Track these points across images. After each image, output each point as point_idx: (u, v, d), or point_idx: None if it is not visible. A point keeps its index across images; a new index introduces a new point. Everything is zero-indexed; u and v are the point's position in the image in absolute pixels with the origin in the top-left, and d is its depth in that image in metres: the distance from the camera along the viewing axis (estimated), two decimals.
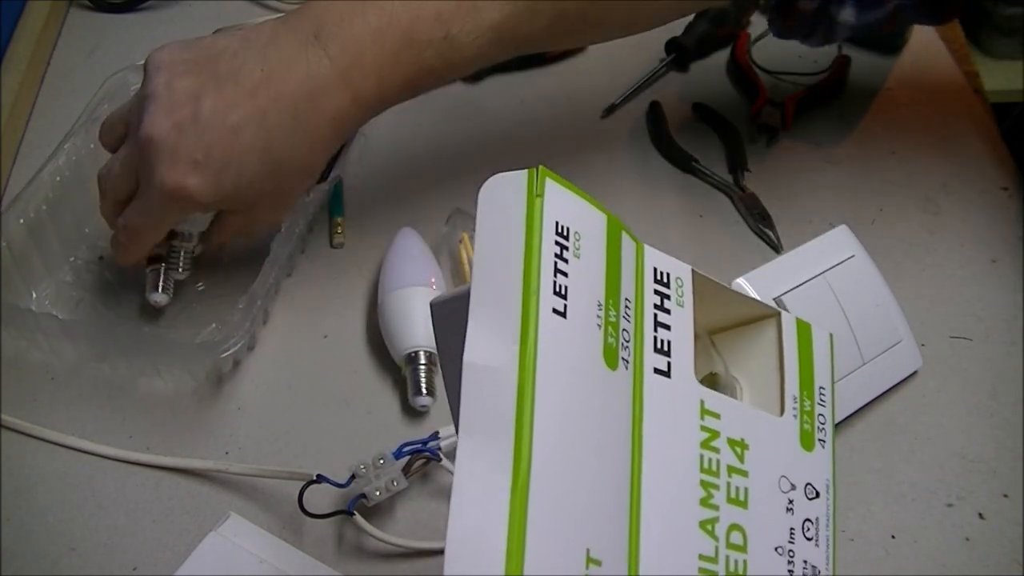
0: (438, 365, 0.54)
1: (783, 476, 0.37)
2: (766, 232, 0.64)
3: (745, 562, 0.34)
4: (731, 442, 0.35)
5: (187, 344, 0.55)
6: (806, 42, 0.60)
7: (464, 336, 0.28)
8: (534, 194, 0.29)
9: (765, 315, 0.41)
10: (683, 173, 0.69)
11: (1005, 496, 0.51)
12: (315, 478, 0.48)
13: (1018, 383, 0.56)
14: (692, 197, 0.67)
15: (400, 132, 0.70)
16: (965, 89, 0.76)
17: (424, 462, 0.49)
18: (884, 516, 0.51)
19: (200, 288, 0.60)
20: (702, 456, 0.34)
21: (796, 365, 0.40)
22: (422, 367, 0.53)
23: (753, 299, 0.41)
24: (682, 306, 0.35)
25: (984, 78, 0.78)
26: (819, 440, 0.39)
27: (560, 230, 0.30)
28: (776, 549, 0.35)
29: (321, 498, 0.48)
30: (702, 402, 0.35)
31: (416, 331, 0.54)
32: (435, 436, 0.49)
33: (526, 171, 0.30)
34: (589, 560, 0.27)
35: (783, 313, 0.41)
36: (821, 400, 0.40)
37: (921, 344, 0.56)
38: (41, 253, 0.59)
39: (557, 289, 0.29)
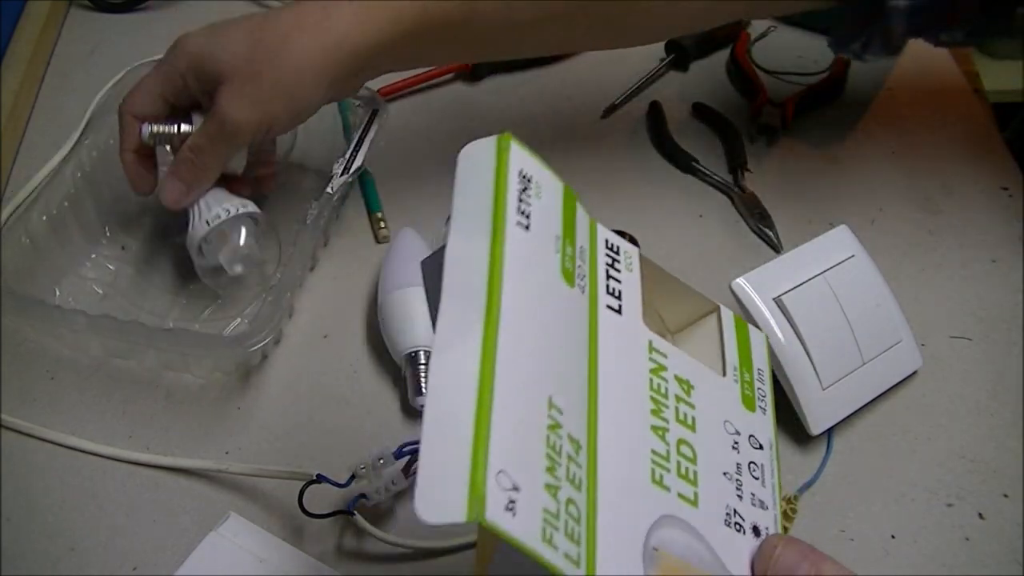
0: None
1: (727, 420, 0.39)
2: (766, 232, 0.64)
3: (696, 472, 0.36)
4: (678, 379, 0.38)
5: (217, 337, 0.55)
6: (865, 52, 0.56)
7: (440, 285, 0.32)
8: (502, 149, 0.34)
9: (708, 311, 0.44)
10: (683, 173, 0.69)
11: (1005, 496, 0.51)
12: (315, 478, 0.48)
13: (1018, 383, 0.56)
14: (692, 197, 0.67)
15: (400, 132, 0.70)
16: (965, 89, 0.76)
17: None
18: (884, 516, 0.51)
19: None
20: (651, 380, 0.36)
21: (735, 345, 0.43)
22: (422, 367, 0.53)
23: (692, 289, 0.43)
24: (631, 270, 0.39)
25: (984, 78, 0.78)
26: (760, 407, 0.42)
27: (523, 175, 0.34)
28: (724, 474, 0.37)
29: (321, 498, 0.48)
30: (650, 342, 0.38)
31: (416, 331, 0.54)
32: None
33: (496, 136, 0.35)
34: (551, 405, 0.30)
35: (721, 307, 0.43)
36: (760, 378, 0.43)
37: (921, 344, 0.56)
38: (64, 249, 0.59)
39: (522, 210, 0.33)
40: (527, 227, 0.33)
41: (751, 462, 0.39)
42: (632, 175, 0.69)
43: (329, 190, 0.59)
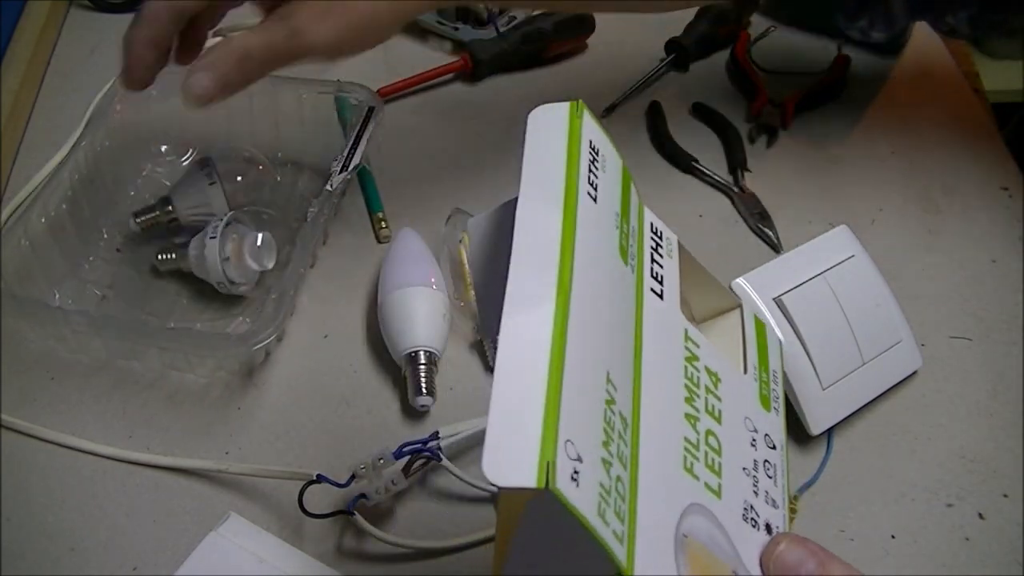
0: (438, 365, 0.54)
1: (747, 417, 0.40)
2: (766, 232, 0.64)
3: (720, 464, 0.36)
4: (708, 370, 0.38)
5: (222, 335, 0.55)
6: (871, 29, 0.57)
7: (497, 247, 0.33)
8: (575, 116, 0.35)
9: (731, 306, 0.45)
10: (683, 173, 0.69)
11: (1005, 496, 0.51)
12: (315, 478, 0.48)
13: (1018, 383, 0.56)
14: (692, 197, 0.67)
15: (400, 132, 0.70)
16: (965, 89, 0.76)
17: (424, 462, 0.49)
18: (884, 516, 0.51)
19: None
20: (686, 368, 0.37)
21: (755, 344, 0.44)
22: (422, 367, 0.53)
23: (719, 283, 0.44)
24: (672, 257, 0.40)
25: (984, 78, 0.79)
26: (774, 407, 0.42)
27: (592, 146, 0.35)
28: (743, 469, 0.37)
29: (321, 498, 0.48)
30: (686, 330, 0.38)
31: (416, 331, 0.54)
32: (435, 436, 0.49)
33: (569, 102, 0.35)
34: (608, 380, 0.30)
35: (743, 304, 0.45)
36: (775, 379, 0.44)
37: (921, 344, 0.56)
38: (62, 251, 0.59)
39: (591, 181, 0.34)
40: (595, 199, 0.33)
41: (766, 460, 0.39)
42: (632, 175, 0.69)
43: (328, 187, 0.59)
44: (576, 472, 0.27)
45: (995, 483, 0.52)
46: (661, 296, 0.37)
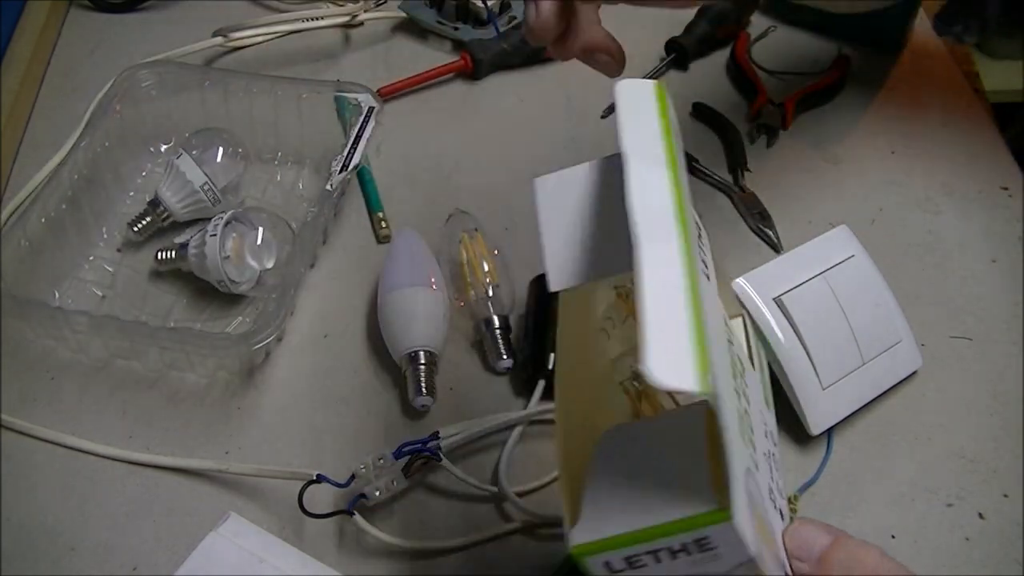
0: (438, 365, 0.54)
1: (760, 409, 0.41)
2: (766, 232, 0.64)
3: (754, 442, 0.37)
4: (738, 357, 0.40)
5: (222, 335, 0.55)
6: (965, 34, 0.59)
7: (564, 208, 0.36)
8: (662, 95, 0.38)
9: (737, 313, 0.46)
10: None
11: (1005, 496, 0.51)
12: (315, 478, 0.48)
13: (1018, 383, 0.56)
14: (692, 197, 0.67)
15: (400, 133, 0.70)
16: (965, 89, 0.76)
17: (424, 462, 0.49)
18: (884, 516, 0.51)
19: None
20: (728, 347, 0.38)
21: (756, 346, 0.45)
22: (422, 367, 0.53)
23: (732, 288, 0.45)
24: (708, 243, 0.41)
25: (984, 78, 0.79)
26: (772, 406, 0.44)
27: (672, 123, 0.37)
28: (764, 455, 0.38)
29: (321, 498, 0.48)
30: (724, 317, 0.40)
31: (416, 331, 0.54)
32: (435, 436, 0.49)
33: (653, 81, 0.38)
34: (724, 322, 0.33)
35: (746, 311, 0.46)
36: (769, 381, 0.45)
37: (921, 344, 0.56)
38: (62, 251, 0.59)
39: (678, 149, 0.35)
40: (681, 165, 0.36)
41: (772, 452, 0.40)
42: None
43: (328, 187, 0.59)
44: (718, 394, 0.29)
45: (995, 483, 0.52)
46: (708, 278, 0.38)
